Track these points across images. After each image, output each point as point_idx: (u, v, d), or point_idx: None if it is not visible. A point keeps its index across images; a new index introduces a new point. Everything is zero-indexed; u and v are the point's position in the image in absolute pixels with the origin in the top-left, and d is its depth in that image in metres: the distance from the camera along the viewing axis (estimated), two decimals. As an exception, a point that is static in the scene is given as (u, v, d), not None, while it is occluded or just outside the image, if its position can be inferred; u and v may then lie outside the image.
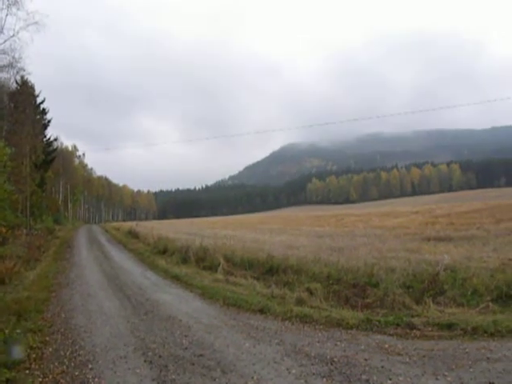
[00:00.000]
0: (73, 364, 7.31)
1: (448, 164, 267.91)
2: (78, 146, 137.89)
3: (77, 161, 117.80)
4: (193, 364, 7.15)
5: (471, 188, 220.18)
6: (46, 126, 57.04)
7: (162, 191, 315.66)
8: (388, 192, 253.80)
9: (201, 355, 7.56)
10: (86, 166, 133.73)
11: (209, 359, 7.35)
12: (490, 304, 9.78)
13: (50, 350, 8.12)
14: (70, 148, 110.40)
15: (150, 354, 7.73)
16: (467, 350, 7.27)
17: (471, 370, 6.43)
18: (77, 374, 6.87)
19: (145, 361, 7.38)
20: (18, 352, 7.90)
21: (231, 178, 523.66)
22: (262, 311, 10.62)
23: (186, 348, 8.00)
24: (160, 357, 7.54)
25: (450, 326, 8.49)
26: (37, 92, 50.76)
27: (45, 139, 57.66)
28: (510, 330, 8.03)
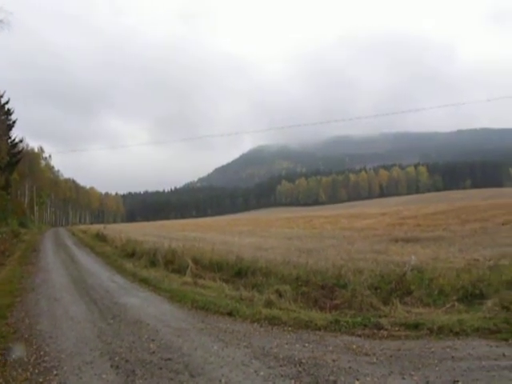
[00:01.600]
0: (37, 371, 7.13)
1: (415, 166, 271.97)
2: (45, 148, 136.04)
3: (43, 163, 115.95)
4: (160, 368, 7.06)
5: (438, 190, 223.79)
6: (10, 127, 56.05)
7: (130, 193, 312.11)
8: (356, 194, 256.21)
9: (169, 359, 7.48)
10: (53, 168, 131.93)
11: (177, 363, 7.28)
12: (456, 303, 9.94)
13: (14, 356, 7.93)
14: (36, 150, 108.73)
15: (116, 358, 7.60)
16: (433, 350, 7.36)
17: (437, 368, 6.51)
18: (41, 380, 6.71)
19: (111, 366, 7.26)
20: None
21: (200, 179, 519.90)
22: (230, 314, 10.57)
23: (154, 352, 7.90)
24: (127, 361, 7.43)
25: (416, 326, 8.59)
26: (1, 92, 49.77)
27: (10, 140, 56.54)
28: (475, 329, 8.16)
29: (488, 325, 8.27)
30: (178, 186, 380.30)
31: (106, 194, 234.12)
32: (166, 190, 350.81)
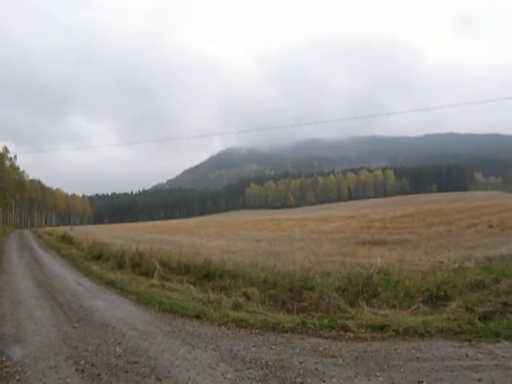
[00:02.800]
0: (-1, 376, 6.98)
1: (383, 170, 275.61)
2: (10, 148, 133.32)
3: (8, 163, 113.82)
4: (126, 372, 6.98)
5: (405, 193, 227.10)
6: (-26, 128, 54.79)
7: (97, 195, 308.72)
8: (325, 197, 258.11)
9: (135, 362, 7.40)
10: (18, 168, 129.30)
11: (143, 366, 7.21)
12: (421, 305, 10.09)
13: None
14: (0, 150, 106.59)
15: (82, 362, 7.48)
16: (398, 351, 7.47)
17: (402, 369, 6.61)
18: (3, 386, 6.59)
19: (76, 370, 7.14)
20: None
21: (169, 181, 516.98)
22: (198, 317, 10.52)
23: (120, 355, 7.81)
24: (92, 365, 7.32)
25: (382, 328, 8.68)
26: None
27: (-27, 141, 55.30)
28: (439, 330, 8.30)
29: (452, 326, 8.43)
30: (146, 188, 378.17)
31: (73, 195, 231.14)
32: (134, 192, 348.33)
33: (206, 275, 14.94)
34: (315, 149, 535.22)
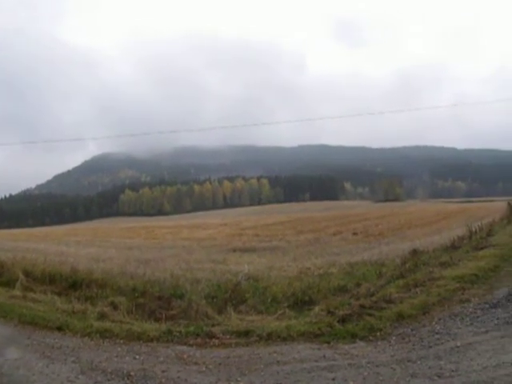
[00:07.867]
0: None
1: (258, 178, 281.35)
2: None
3: None
4: (-27, 394, 6.54)
5: (279, 202, 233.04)
6: None
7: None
8: (201, 204, 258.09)
9: (-16, 382, 6.94)
10: None
11: (-6, 385, 6.78)
12: (287, 310, 10.43)
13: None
14: None
15: None
16: (260, 355, 7.67)
17: (262, 373, 6.80)
18: None
19: None
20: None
21: (39, 186, 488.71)
22: (60, 328, 10.05)
23: (-33, 376, 7.27)
24: None
25: (247, 333, 8.86)
26: None
27: None
28: (301, 334, 8.64)
29: (313, 329, 8.80)
30: (13, 193, 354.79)
31: None
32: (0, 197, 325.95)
33: (72, 285, 14.35)
34: (192, 156, 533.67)
